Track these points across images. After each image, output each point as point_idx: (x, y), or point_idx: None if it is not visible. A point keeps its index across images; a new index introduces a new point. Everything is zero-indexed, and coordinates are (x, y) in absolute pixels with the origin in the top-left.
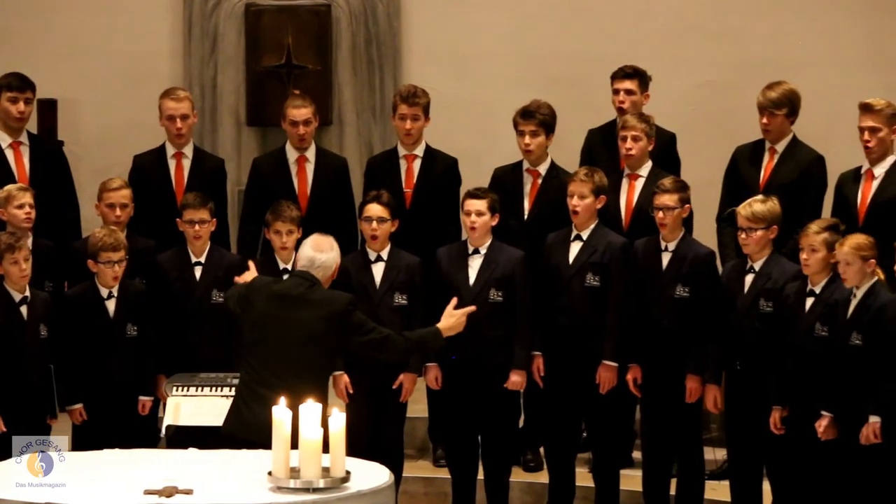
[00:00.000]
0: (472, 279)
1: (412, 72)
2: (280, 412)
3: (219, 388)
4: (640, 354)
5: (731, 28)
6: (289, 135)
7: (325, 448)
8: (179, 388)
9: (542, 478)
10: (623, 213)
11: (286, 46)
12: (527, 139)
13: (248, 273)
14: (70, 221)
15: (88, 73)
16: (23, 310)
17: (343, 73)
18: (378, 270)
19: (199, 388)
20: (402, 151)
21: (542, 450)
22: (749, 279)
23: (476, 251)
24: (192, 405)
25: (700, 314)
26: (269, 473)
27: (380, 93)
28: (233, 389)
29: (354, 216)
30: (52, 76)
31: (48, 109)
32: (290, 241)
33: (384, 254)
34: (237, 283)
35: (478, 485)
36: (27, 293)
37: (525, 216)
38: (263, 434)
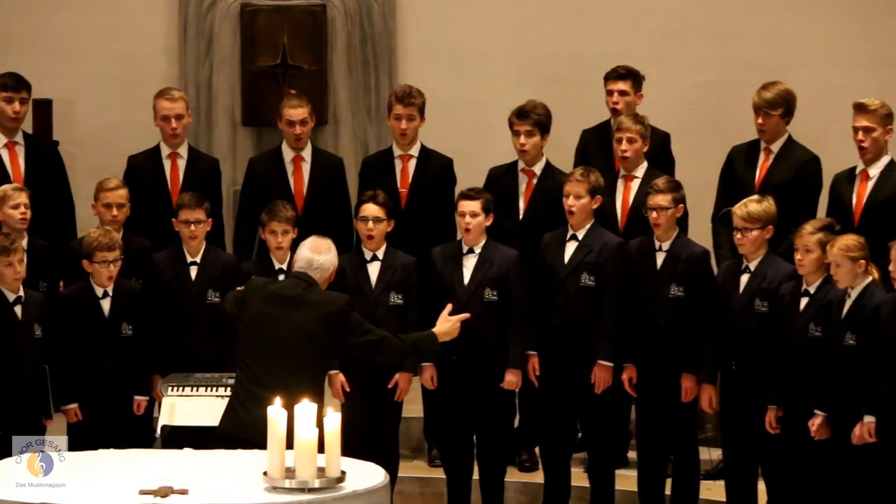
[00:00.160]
0: (467, 279)
1: (407, 72)
2: (275, 412)
3: (214, 389)
4: (635, 354)
5: (727, 28)
6: (285, 134)
7: (321, 448)
8: (174, 389)
9: (538, 478)
10: (619, 215)
11: (281, 46)
12: (522, 139)
13: None
14: (65, 221)
15: (84, 73)
16: (17, 310)
17: (338, 73)
18: (374, 270)
19: (194, 389)
20: (398, 151)
21: (538, 450)
22: (744, 279)
23: (470, 251)
24: (187, 405)
25: (695, 313)
26: (265, 473)
27: (375, 93)
28: (228, 390)
29: (350, 216)
30: (48, 76)
31: (43, 109)
32: (286, 242)
33: (380, 253)
34: (237, 290)
35: (473, 485)
36: (21, 293)
37: (520, 216)
38: (260, 434)
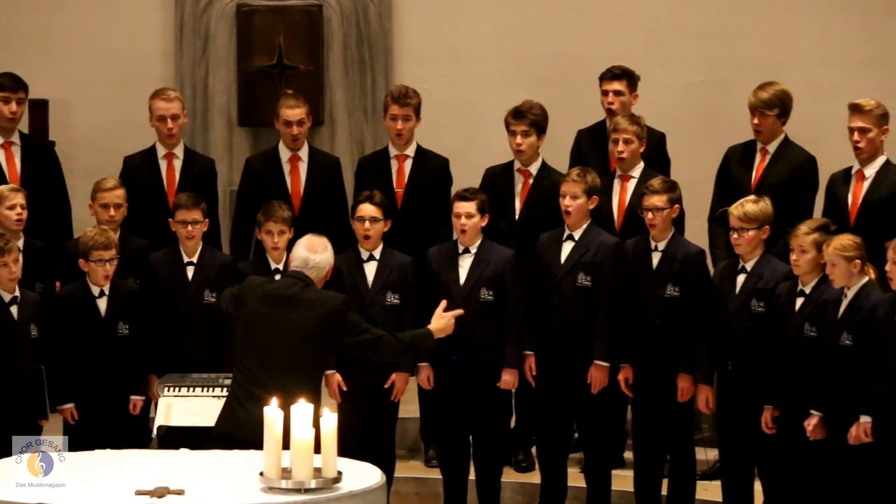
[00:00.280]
0: (463, 279)
1: (403, 72)
2: (271, 412)
3: (210, 389)
4: (632, 354)
5: (723, 28)
6: (282, 135)
7: (317, 448)
8: (171, 389)
9: (534, 478)
10: (615, 215)
11: (277, 46)
12: (518, 139)
13: None
14: (62, 222)
15: (80, 74)
16: (13, 310)
17: (334, 74)
18: (370, 270)
19: (191, 389)
20: (394, 151)
21: (534, 450)
22: (741, 279)
23: (466, 251)
24: (184, 405)
25: (691, 313)
26: (261, 474)
27: (371, 93)
28: (224, 390)
29: (347, 216)
30: (44, 76)
31: (40, 110)
32: (282, 242)
33: (377, 253)
34: (233, 288)
35: (469, 485)
36: (17, 293)
37: (516, 216)
38: (257, 433)
